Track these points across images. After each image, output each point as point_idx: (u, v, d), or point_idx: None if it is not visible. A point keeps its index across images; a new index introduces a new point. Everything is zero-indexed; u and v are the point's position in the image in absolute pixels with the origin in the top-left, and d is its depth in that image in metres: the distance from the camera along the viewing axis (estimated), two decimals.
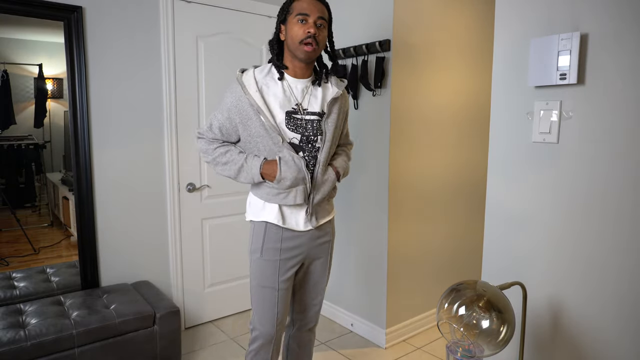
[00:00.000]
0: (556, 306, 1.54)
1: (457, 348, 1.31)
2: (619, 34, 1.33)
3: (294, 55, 1.58)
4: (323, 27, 1.56)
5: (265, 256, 1.65)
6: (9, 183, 2.45)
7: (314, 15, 1.53)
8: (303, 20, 1.53)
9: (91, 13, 2.31)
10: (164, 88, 2.56)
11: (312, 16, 1.52)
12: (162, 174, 2.62)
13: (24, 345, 1.83)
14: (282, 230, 1.64)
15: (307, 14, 1.52)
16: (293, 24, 1.54)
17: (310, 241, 1.69)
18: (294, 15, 1.54)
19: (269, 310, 1.67)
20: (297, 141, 1.60)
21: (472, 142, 2.95)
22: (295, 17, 1.53)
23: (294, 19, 1.54)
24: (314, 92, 1.64)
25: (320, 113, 1.63)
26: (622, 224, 1.36)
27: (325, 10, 1.57)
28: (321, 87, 1.65)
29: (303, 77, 1.63)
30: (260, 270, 1.66)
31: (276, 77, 1.60)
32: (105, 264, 2.48)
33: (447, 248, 2.92)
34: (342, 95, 1.70)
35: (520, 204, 1.62)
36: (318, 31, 1.53)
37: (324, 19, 1.55)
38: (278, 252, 1.65)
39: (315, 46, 1.54)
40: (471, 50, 2.84)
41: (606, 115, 1.37)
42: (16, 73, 2.34)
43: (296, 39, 1.53)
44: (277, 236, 1.64)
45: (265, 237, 1.65)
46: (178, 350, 2.26)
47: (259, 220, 1.66)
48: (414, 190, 2.63)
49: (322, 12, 1.55)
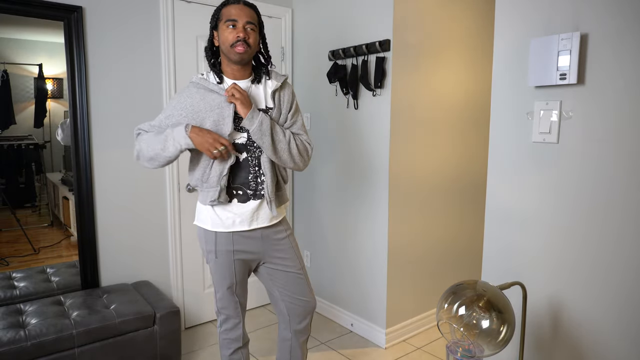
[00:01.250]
0: (556, 306, 1.54)
1: (457, 348, 1.31)
2: (620, 34, 1.33)
3: (228, 59, 1.65)
4: (252, 31, 1.64)
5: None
6: (9, 183, 2.45)
7: (242, 20, 1.61)
8: (232, 25, 1.61)
9: (91, 13, 2.31)
10: (164, 88, 2.56)
11: (240, 21, 1.61)
12: (162, 174, 2.62)
13: (24, 345, 1.84)
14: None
15: (236, 19, 1.60)
16: (223, 29, 1.62)
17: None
18: (224, 22, 1.62)
19: None
20: (243, 140, 1.67)
21: (473, 142, 2.95)
22: (225, 23, 1.61)
23: (224, 25, 1.62)
24: (256, 91, 1.71)
25: (265, 109, 1.70)
26: (623, 224, 1.36)
27: (254, 14, 1.65)
28: (262, 85, 1.72)
29: (242, 78, 1.70)
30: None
31: (216, 83, 1.68)
32: (105, 264, 2.48)
33: (448, 248, 2.92)
34: (284, 87, 1.75)
35: (521, 204, 1.62)
36: (247, 34, 1.61)
37: (252, 23, 1.63)
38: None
39: (247, 48, 1.61)
40: (471, 50, 2.84)
41: (606, 115, 1.38)
42: (16, 73, 2.34)
43: (227, 43, 1.61)
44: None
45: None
46: (178, 350, 2.26)
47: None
48: (413, 190, 2.63)
49: (251, 17, 1.63)
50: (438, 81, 2.67)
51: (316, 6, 2.86)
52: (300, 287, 1.82)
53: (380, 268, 2.60)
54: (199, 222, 1.76)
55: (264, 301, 3.16)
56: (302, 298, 1.83)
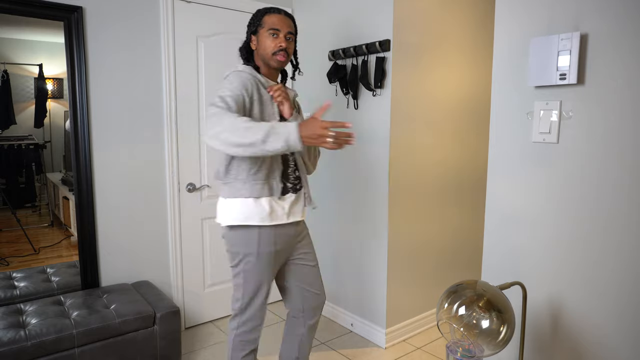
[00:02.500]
0: (556, 306, 1.54)
1: (457, 348, 1.31)
2: (619, 34, 1.33)
3: (265, 64, 1.74)
4: (291, 40, 1.74)
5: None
6: (9, 183, 2.45)
7: (284, 30, 1.70)
8: (275, 34, 1.69)
9: (91, 13, 2.31)
10: (164, 88, 2.56)
11: (282, 31, 1.69)
12: (162, 174, 2.62)
13: (24, 345, 1.84)
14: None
15: (279, 29, 1.69)
16: (265, 37, 1.70)
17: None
18: (266, 29, 1.69)
19: None
20: None
21: (473, 142, 2.95)
22: (267, 31, 1.69)
23: (266, 32, 1.69)
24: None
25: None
26: (623, 224, 1.36)
27: (292, 25, 1.75)
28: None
29: (274, 80, 1.80)
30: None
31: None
32: (105, 264, 2.48)
33: (448, 248, 2.92)
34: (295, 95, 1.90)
35: (521, 204, 1.62)
36: (288, 44, 1.71)
37: (292, 33, 1.73)
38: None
39: (287, 57, 1.72)
40: (471, 50, 2.84)
41: (606, 115, 1.38)
42: (16, 73, 2.34)
43: (269, 50, 1.69)
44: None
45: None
46: (178, 350, 2.26)
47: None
48: (413, 190, 2.63)
49: (291, 27, 1.73)
50: (438, 81, 2.67)
51: (316, 6, 2.86)
52: (317, 281, 1.89)
53: (380, 268, 2.60)
54: (235, 220, 1.64)
55: None
56: (317, 292, 1.90)
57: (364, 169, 2.63)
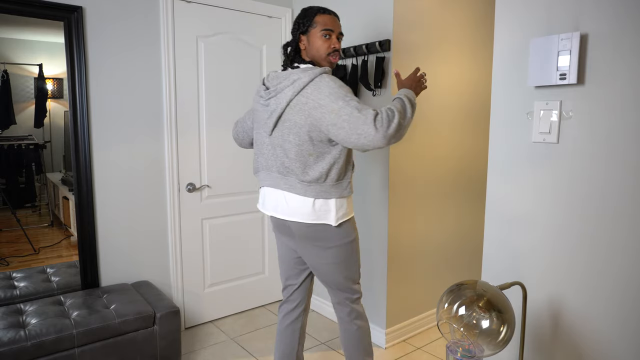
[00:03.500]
0: (556, 306, 1.54)
1: (457, 348, 1.31)
2: (619, 34, 1.33)
3: (317, 63, 1.75)
4: (341, 40, 1.78)
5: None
6: (9, 183, 2.45)
7: (337, 31, 1.73)
8: (327, 35, 1.71)
9: (91, 13, 2.31)
10: (164, 88, 2.56)
11: (335, 32, 1.73)
12: (162, 174, 2.62)
13: (24, 345, 1.84)
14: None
15: (332, 29, 1.71)
16: (317, 37, 1.71)
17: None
18: (318, 30, 1.71)
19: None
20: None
21: (473, 142, 2.95)
22: (320, 32, 1.70)
23: (318, 32, 1.71)
24: None
25: None
26: (623, 224, 1.36)
27: (340, 26, 1.78)
28: None
29: None
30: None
31: None
32: (105, 264, 2.48)
33: (448, 248, 2.92)
34: None
35: (521, 204, 1.62)
36: (339, 45, 1.75)
37: (341, 34, 1.77)
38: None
39: (338, 58, 1.76)
40: (471, 50, 2.84)
41: (606, 115, 1.38)
42: (16, 73, 2.34)
43: (322, 51, 1.71)
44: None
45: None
46: (178, 350, 2.26)
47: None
48: (413, 190, 2.63)
49: (340, 28, 1.77)
50: (438, 81, 2.67)
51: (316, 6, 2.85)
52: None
53: (380, 268, 2.60)
54: (347, 215, 1.74)
55: (264, 301, 3.16)
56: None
57: (364, 169, 2.63)
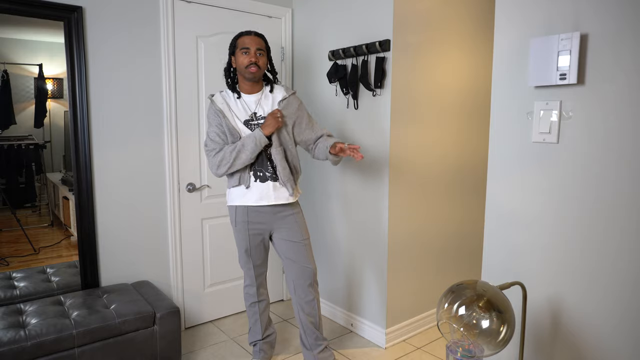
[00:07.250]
0: (556, 306, 1.54)
1: (457, 348, 1.31)
2: (619, 34, 1.33)
3: (243, 77, 2.14)
4: (261, 55, 2.11)
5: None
6: (9, 183, 2.45)
7: (253, 48, 2.08)
8: (246, 52, 2.08)
9: (91, 13, 2.31)
10: (164, 88, 2.56)
11: (252, 48, 2.08)
12: (162, 174, 2.62)
13: (24, 345, 1.84)
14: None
15: (249, 47, 2.08)
16: (239, 55, 2.10)
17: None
18: (239, 49, 2.10)
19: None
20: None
21: (473, 143, 2.95)
22: (240, 50, 2.09)
23: (239, 51, 2.10)
24: (265, 101, 2.17)
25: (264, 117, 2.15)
26: (623, 224, 1.36)
27: (262, 42, 2.13)
28: (272, 95, 2.18)
29: (253, 92, 2.17)
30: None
31: (235, 97, 2.16)
32: (105, 264, 2.48)
33: (448, 248, 2.92)
34: (291, 98, 2.19)
35: (520, 204, 1.62)
36: (258, 59, 2.08)
37: (261, 49, 2.11)
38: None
39: (257, 69, 2.09)
40: (471, 49, 2.84)
41: (606, 115, 1.38)
42: (16, 73, 2.34)
43: (242, 65, 2.09)
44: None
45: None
46: (178, 350, 2.26)
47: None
48: (413, 190, 2.63)
49: (260, 44, 2.11)
50: (438, 81, 2.67)
51: (316, 6, 2.86)
52: (301, 256, 2.20)
53: (380, 268, 2.60)
54: (228, 202, 2.23)
55: None
56: (305, 265, 2.20)
57: (364, 169, 2.63)
